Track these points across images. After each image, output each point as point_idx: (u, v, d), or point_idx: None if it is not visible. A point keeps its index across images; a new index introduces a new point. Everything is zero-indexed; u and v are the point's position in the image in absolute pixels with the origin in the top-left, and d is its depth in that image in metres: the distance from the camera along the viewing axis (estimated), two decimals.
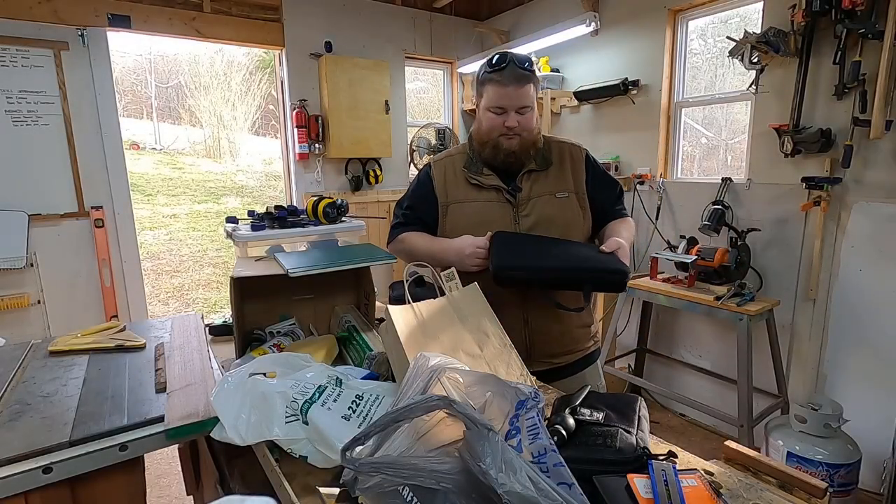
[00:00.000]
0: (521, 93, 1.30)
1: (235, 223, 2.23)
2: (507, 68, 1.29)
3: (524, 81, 1.30)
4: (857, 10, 2.03)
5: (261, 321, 1.45)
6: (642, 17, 3.03)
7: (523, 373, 1.06)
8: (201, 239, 7.46)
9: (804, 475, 0.79)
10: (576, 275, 1.20)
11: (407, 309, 1.05)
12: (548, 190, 1.36)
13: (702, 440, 2.82)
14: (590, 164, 1.42)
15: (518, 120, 1.31)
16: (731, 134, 3.17)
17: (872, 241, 2.21)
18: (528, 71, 1.31)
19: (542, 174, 1.38)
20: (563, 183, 1.38)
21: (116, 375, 1.22)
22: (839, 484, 1.97)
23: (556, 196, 1.36)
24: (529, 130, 1.34)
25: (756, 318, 2.36)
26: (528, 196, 1.36)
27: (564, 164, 1.40)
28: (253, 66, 10.59)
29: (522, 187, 1.36)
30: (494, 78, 1.30)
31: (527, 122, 1.33)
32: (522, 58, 1.32)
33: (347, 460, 0.61)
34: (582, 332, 1.43)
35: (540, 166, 1.38)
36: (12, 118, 2.68)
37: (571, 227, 1.35)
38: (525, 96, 1.31)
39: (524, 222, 1.35)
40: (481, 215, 1.38)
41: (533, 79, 1.33)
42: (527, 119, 1.33)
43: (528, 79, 1.31)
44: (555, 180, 1.38)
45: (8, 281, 2.74)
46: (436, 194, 1.46)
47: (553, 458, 0.60)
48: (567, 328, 1.38)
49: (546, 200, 1.35)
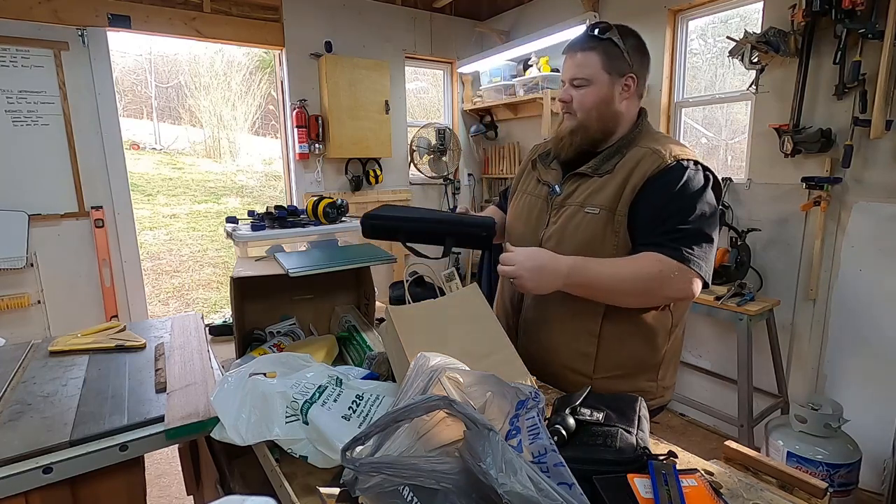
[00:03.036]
0: (578, 60, 1.11)
1: (235, 223, 2.23)
2: (581, 35, 1.13)
3: (587, 48, 1.10)
4: (857, 10, 2.03)
5: (261, 321, 1.45)
6: (642, 17, 3.02)
7: (523, 373, 1.05)
8: (201, 239, 7.46)
9: (804, 475, 0.79)
10: (435, 226, 1.20)
11: (407, 309, 1.05)
12: (581, 200, 1.14)
13: (702, 440, 2.82)
14: (658, 181, 1.06)
15: (570, 94, 1.13)
16: (731, 134, 3.17)
17: (872, 241, 2.21)
18: (598, 37, 1.10)
19: (591, 180, 1.14)
20: (602, 196, 1.11)
21: (116, 375, 1.22)
22: (839, 484, 1.96)
23: (584, 209, 1.13)
24: (585, 110, 1.12)
25: (756, 318, 2.36)
26: (562, 202, 1.18)
27: (623, 174, 1.10)
28: (253, 66, 10.58)
29: (562, 191, 1.19)
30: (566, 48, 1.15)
31: (581, 98, 1.12)
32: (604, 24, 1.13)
33: (347, 460, 0.61)
34: (577, 380, 1.14)
35: (595, 171, 1.14)
36: (12, 118, 2.67)
37: (590, 248, 1.11)
38: (582, 65, 1.11)
39: (549, 229, 1.19)
40: (522, 211, 1.28)
41: (602, 46, 1.10)
42: (581, 95, 1.12)
43: (592, 46, 1.10)
44: (596, 191, 1.12)
45: (8, 281, 2.74)
46: (516, 179, 1.39)
47: (553, 458, 0.60)
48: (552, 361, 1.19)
49: (574, 212, 1.15)
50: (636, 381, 1.18)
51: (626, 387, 1.16)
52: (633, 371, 1.18)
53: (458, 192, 4.42)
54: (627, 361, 1.17)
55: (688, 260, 1.02)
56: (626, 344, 1.15)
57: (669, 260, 1.02)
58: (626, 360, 1.16)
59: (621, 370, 1.17)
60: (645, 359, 1.18)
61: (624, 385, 1.16)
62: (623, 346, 1.15)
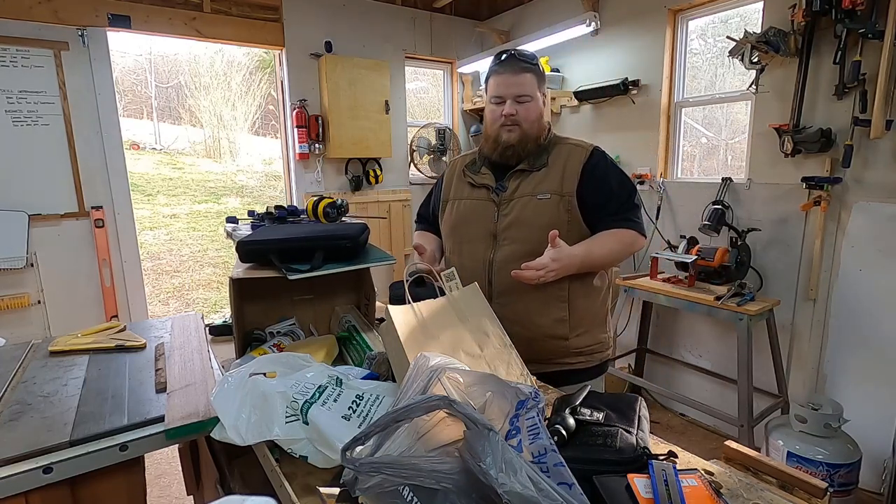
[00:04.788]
0: (519, 80, 1.31)
1: (235, 223, 2.23)
2: (507, 60, 1.32)
3: (523, 70, 1.31)
4: (857, 10, 2.03)
5: (261, 321, 1.45)
6: (642, 16, 3.02)
7: (523, 373, 1.06)
8: (201, 239, 7.46)
9: (804, 475, 0.79)
10: (304, 243, 1.27)
11: (407, 309, 1.05)
12: (530, 190, 1.33)
13: (702, 440, 2.82)
14: (592, 165, 1.33)
15: (516, 108, 1.31)
16: (732, 134, 3.17)
17: (872, 241, 2.21)
18: (527, 62, 1.32)
19: (532, 174, 1.35)
20: (548, 184, 1.33)
21: (116, 375, 1.22)
22: (839, 484, 1.96)
23: (536, 197, 1.32)
24: (530, 122, 1.33)
25: (756, 318, 2.36)
26: (510, 196, 1.35)
27: (559, 165, 1.34)
28: (253, 66, 10.58)
29: (508, 186, 1.36)
30: (496, 69, 1.34)
31: (526, 112, 1.32)
32: (525, 52, 1.35)
33: (348, 460, 0.61)
34: (557, 345, 1.35)
35: (532, 166, 1.35)
36: (12, 118, 2.67)
37: (547, 228, 1.25)
38: (523, 84, 1.31)
39: (502, 222, 1.35)
40: (465, 213, 1.42)
41: (533, 70, 1.33)
42: (526, 109, 1.32)
43: (527, 69, 1.32)
44: (541, 181, 1.33)
45: (8, 281, 2.74)
46: (441, 192, 1.53)
47: (553, 458, 0.60)
48: (536, 337, 1.32)
49: (526, 201, 1.33)
50: (595, 334, 1.40)
51: (590, 340, 1.38)
52: (592, 326, 1.39)
53: None
54: (587, 317, 1.38)
55: (638, 227, 1.34)
56: (585, 302, 1.37)
57: (630, 231, 1.32)
58: (586, 316, 1.37)
59: (585, 327, 1.37)
60: (598, 313, 1.41)
61: (588, 339, 1.38)
62: (584, 304, 1.36)
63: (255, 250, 1.27)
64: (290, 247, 1.26)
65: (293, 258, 1.25)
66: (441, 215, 1.51)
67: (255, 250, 1.27)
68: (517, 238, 1.33)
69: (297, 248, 1.26)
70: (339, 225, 1.41)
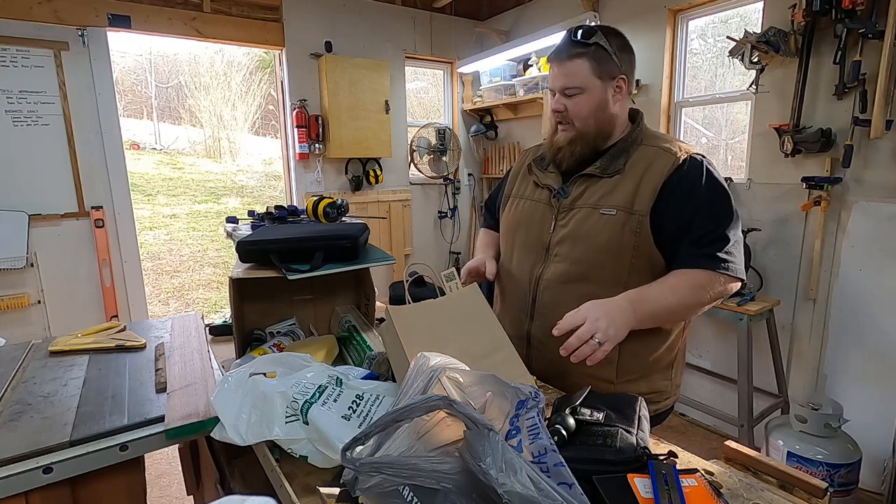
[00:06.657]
0: (567, 69, 1.08)
1: (235, 223, 2.23)
2: (561, 43, 1.10)
3: (573, 56, 1.07)
4: (857, 10, 2.03)
5: (261, 321, 1.45)
6: (642, 16, 3.02)
7: (523, 373, 1.05)
8: (201, 239, 7.46)
9: (804, 475, 0.79)
10: (303, 243, 1.25)
11: (407, 309, 1.05)
12: (594, 201, 1.11)
13: (702, 440, 2.82)
14: (678, 178, 1.06)
15: (564, 103, 1.11)
16: (732, 134, 3.17)
17: (872, 241, 2.21)
18: (581, 45, 1.07)
19: (601, 181, 1.12)
20: (618, 196, 1.09)
21: (117, 375, 1.22)
22: (839, 484, 1.96)
23: (599, 210, 1.10)
24: (582, 118, 1.10)
25: (756, 318, 2.36)
26: (571, 204, 1.15)
27: (635, 173, 1.09)
28: (253, 66, 10.58)
29: (571, 192, 1.16)
30: (550, 55, 1.13)
31: (575, 107, 1.10)
32: (585, 28, 1.09)
33: (348, 460, 0.61)
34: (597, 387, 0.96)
35: (603, 171, 1.12)
36: (12, 118, 2.67)
37: (606, 251, 1.08)
38: (569, 75, 1.08)
39: (558, 232, 1.16)
40: (523, 216, 1.25)
41: (588, 53, 1.07)
42: (575, 103, 1.09)
43: (579, 53, 1.07)
44: (609, 191, 1.10)
45: (8, 281, 2.74)
46: (506, 186, 1.37)
47: (553, 458, 0.60)
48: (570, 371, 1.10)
49: (587, 213, 1.12)
50: (652, 381, 1.18)
51: (644, 388, 1.15)
52: (650, 372, 1.17)
53: (459, 192, 4.42)
54: (645, 363, 1.16)
55: (727, 269, 1.04)
56: (644, 346, 1.14)
57: (709, 274, 1.03)
58: (645, 361, 1.16)
59: (639, 372, 1.16)
60: (661, 359, 1.18)
61: (643, 386, 1.16)
62: (642, 348, 1.14)
63: (255, 250, 1.27)
64: (290, 247, 1.25)
65: (293, 258, 1.24)
66: (502, 212, 1.36)
67: (255, 250, 1.27)
68: (568, 256, 1.13)
69: (296, 249, 1.25)
70: (339, 225, 1.40)
